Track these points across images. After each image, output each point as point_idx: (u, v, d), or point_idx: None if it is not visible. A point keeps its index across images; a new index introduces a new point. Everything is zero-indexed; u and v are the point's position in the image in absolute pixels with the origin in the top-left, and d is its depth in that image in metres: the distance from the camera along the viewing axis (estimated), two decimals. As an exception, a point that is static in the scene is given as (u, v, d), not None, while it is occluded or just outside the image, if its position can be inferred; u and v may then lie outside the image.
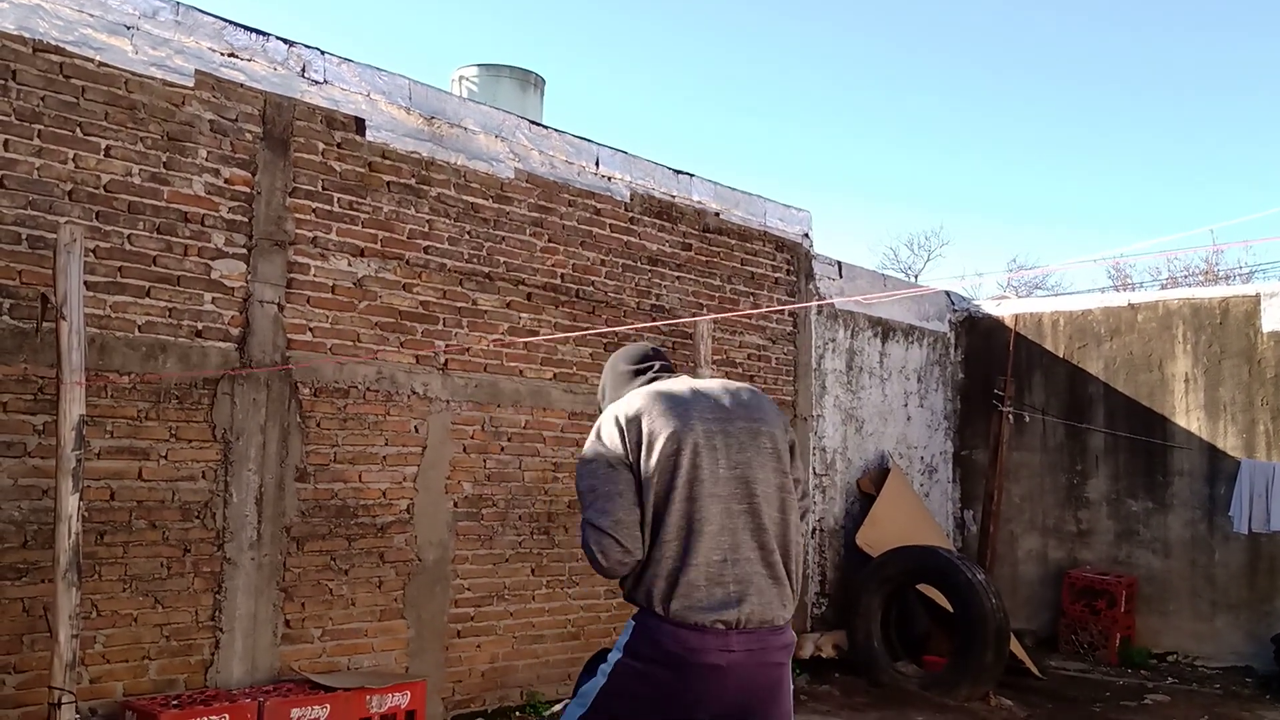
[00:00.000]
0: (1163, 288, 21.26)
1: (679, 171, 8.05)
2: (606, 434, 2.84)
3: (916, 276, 30.00)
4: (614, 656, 2.81)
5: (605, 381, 3.17)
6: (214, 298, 5.57)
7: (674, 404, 2.84)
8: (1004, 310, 10.72)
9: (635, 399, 2.89)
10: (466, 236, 6.67)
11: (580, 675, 2.95)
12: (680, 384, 2.97)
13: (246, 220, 5.70)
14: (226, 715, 5.01)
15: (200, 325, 5.52)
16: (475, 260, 6.71)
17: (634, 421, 2.81)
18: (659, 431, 2.77)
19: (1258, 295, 9.37)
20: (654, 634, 2.72)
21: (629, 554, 2.73)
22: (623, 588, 2.86)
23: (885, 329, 10.04)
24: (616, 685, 2.78)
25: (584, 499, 2.79)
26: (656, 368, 3.12)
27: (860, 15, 49.26)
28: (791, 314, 8.87)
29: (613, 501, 2.73)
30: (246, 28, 5.77)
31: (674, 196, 7.98)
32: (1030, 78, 48.05)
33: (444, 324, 6.53)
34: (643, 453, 2.76)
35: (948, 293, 10.98)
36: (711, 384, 2.99)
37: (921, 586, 8.28)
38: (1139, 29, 45.97)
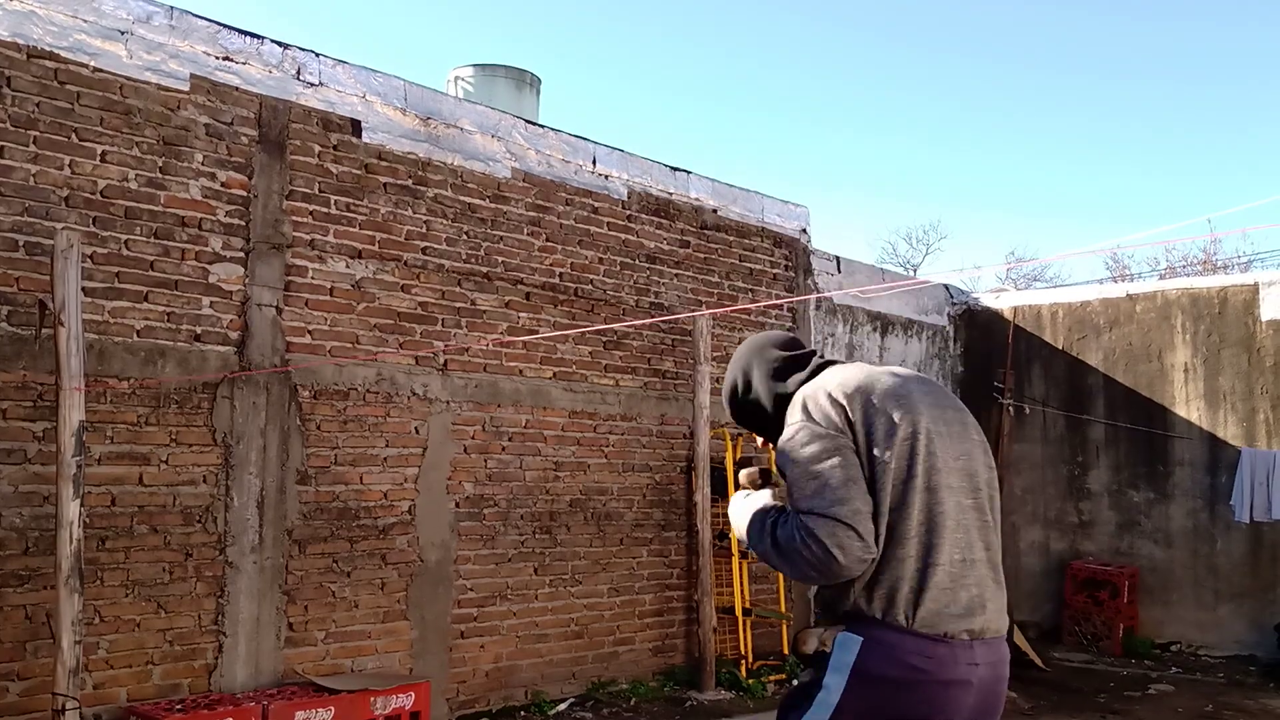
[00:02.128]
0: (1161, 278, 21.27)
1: (676, 169, 8.05)
2: (822, 413, 2.40)
3: (915, 270, 30.01)
4: (834, 680, 2.38)
5: (750, 373, 2.69)
6: (212, 302, 5.57)
7: (893, 384, 2.46)
8: (1003, 303, 10.72)
9: (845, 375, 2.49)
10: (464, 237, 6.67)
11: (783, 709, 2.55)
12: (872, 367, 2.57)
13: (244, 224, 5.69)
14: (231, 719, 5.01)
15: (199, 329, 5.51)
16: (473, 260, 6.71)
17: (856, 399, 2.41)
18: (891, 412, 2.39)
19: (1256, 284, 9.37)
20: (892, 648, 2.32)
21: (869, 550, 2.29)
22: (835, 595, 2.42)
23: (884, 323, 10.04)
24: (844, 713, 2.36)
25: (802, 487, 2.34)
26: (819, 353, 2.70)
27: (855, 10, 49.26)
28: (790, 309, 8.87)
29: (848, 489, 2.30)
30: (241, 31, 5.76)
31: (671, 194, 7.98)
32: (1026, 70, 48.06)
33: (443, 324, 6.53)
34: (875, 435, 2.37)
35: (946, 286, 10.98)
36: (900, 369, 2.59)
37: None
38: (1134, 19, 45.99)
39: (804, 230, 9.07)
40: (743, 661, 7.77)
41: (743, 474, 2.69)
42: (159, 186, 5.41)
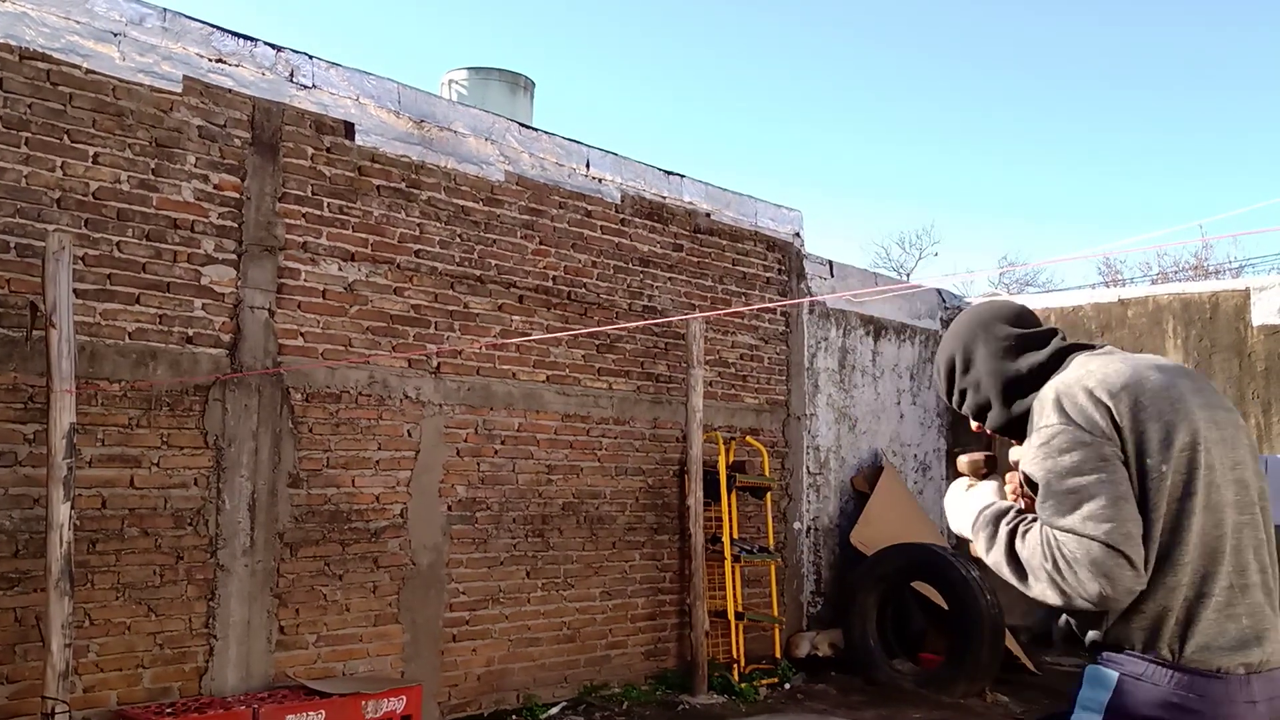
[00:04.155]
0: (1153, 283, 21.33)
1: (669, 173, 8.06)
2: (1083, 414, 2.08)
3: (908, 275, 30.06)
4: None
5: (972, 351, 2.38)
6: (204, 304, 5.56)
7: (1163, 381, 2.14)
8: (995, 307, 10.71)
9: (1107, 369, 2.16)
10: (457, 239, 6.67)
11: None
12: (1134, 357, 2.24)
13: (236, 226, 5.69)
14: (222, 723, 4.99)
15: (191, 332, 5.50)
16: (466, 263, 6.71)
17: (1123, 399, 2.09)
18: (1166, 416, 2.08)
19: (1247, 289, 9.39)
20: (1156, 685, 2.04)
21: (1140, 579, 2.00)
22: (1085, 622, 2.14)
23: (877, 327, 10.05)
24: None
25: (1060, 502, 2.04)
26: (1059, 332, 2.35)
27: (849, 14, 49.36)
28: (783, 313, 8.88)
29: (1118, 508, 2.00)
30: (234, 33, 5.76)
31: (665, 198, 7.98)
32: (1019, 75, 48.20)
33: (436, 327, 6.53)
34: (1148, 444, 2.06)
35: (939, 290, 10.99)
36: (1163, 360, 2.26)
37: (917, 584, 8.29)
38: (1126, 25, 46.14)
39: (797, 234, 9.08)
40: (735, 665, 7.76)
41: (963, 460, 2.36)
42: (151, 188, 5.40)
